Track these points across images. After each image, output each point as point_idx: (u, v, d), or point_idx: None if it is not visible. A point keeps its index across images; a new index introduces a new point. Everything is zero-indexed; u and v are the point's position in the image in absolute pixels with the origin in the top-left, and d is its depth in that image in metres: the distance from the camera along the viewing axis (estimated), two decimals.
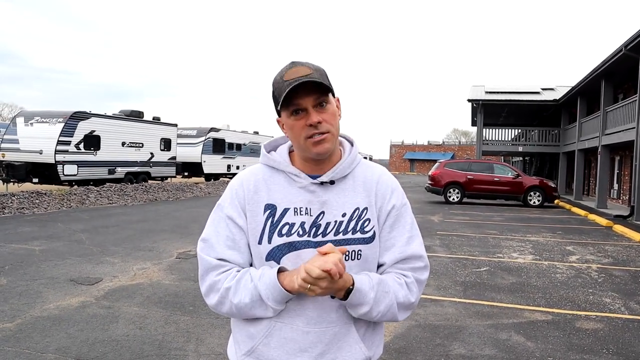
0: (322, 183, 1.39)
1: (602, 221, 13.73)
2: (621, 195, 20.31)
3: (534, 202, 18.84)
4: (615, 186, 21.19)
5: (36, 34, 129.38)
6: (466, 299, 5.70)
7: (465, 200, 19.75)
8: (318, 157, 1.37)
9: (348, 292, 1.29)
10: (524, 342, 4.35)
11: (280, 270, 1.31)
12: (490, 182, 19.16)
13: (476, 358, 3.97)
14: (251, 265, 1.41)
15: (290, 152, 1.47)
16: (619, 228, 12.37)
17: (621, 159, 20.38)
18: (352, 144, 1.50)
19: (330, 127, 1.34)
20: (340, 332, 1.36)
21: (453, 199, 19.43)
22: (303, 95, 1.30)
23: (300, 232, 1.35)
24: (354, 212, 1.40)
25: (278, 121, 1.42)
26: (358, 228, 1.39)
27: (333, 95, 1.39)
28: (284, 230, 1.36)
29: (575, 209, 17.62)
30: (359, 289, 1.30)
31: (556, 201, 19.72)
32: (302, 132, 1.33)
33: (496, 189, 19.16)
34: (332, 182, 1.40)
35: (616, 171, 21.12)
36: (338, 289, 1.27)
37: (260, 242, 1.36)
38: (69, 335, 4.19)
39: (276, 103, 1.36)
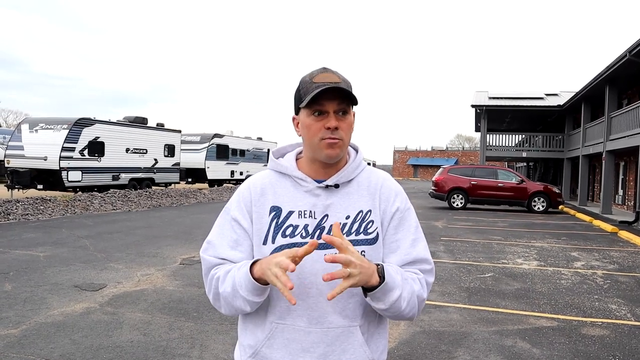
0: (327, 187, 1.43)
1: (607, 227, 13.67)
2: (626, 201, 20.23)
3: (538, 208, 18.78)
4: (620, 192, 21.12)
5: (41, 40, 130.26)
6: (471, 305, 5.68)
7: (469, 206, 19.72)
8: (327, 160, 1.41)
9: (381, 272, 1.28)
10: (530, 349, 4.32)
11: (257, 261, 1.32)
12: (494, 188, 19.12)
13: None
14: None
15: (297, 159, 1.52)
16: (624, 234, 12.31)
17: (626, 165, 20.32)
18: (356, 151, 1.55)
19: (344, 136, 1.39)
20: (343, 334, 1.37)
21: (457, 205, 19.39)
22: (329, 99, 1.36)
23: (304, 234, 1.39)
24: (358, 214, 1.43)
25: (293, 118, 1.48)
26: (361, 230, 1.42)
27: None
28: (288, 232, 1.39)
29: (579, 215, 17.55)
30: (387, 268, 1.31)
31: (560, 207, 19.66)
32: (318, 133, 1.37)
33: (500, 195, 19.11)
34: (336, 186, 1.44)
35: (621, 177, 21.05)
36: (367, 274, 1.24)
37: (264, 243, 1.40)
38: (73, 341, 4.19)
39: (298, 101, 1.41)
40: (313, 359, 1.35)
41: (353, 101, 1.39)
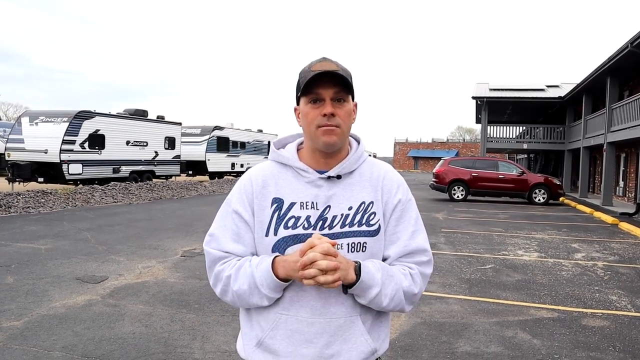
0: (329, 178, 1.43)
1: (608, 219, 13.67)
2: (627, 192, 20.22)
3: (539, 200, 18.77)
4: (621, 183, 21.10)
5: (41, 34, 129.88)
6: (472, 296, 5.69)
7: (469, 197, 19.71)
8: (325, 149, 1.41)
9: (357, 270, 1.32)
10: (530, 340, 4.34)
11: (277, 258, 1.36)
12: (495, 180, 19.10)
13: (482, 355, 3.97)
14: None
15: (299, 149, 1.52)
16: (624, 225, 12.32)
17: (627, 156, 20.29)
18: (358, 142, 1.56)
19: (342, 123, 1.39)
20: (345, 324, 1.39)
21: (457, 197, 19.38)
22: (325, 86, 1.37)
23: (306, 225, 1.39)
24: (360, 205, 1.43)
25: (295, 109, 1.48)
26: (364, 221, 1.42)
27: (353, 98, 1.46)
28: (290, 223, 1.40)
29: (580, 207, 17.55)
30: (365, 265, 1.34)
31: (561, 199, 19.65)
32: (315, 121, 1.38)
33: (501, 187, 19.10)
34: (338, 177, 1.44)
35: (622, 168, 21.02)
36: (345, 270, 1.30)
37: (267, 235, 1.40)
38: (75, 333, 4.21)
39: (298, 90, 1.42)
40: (316, 349, 1.36)
41: (348, 87, 1.38)
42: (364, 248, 1.40)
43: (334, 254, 1.26)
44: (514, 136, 29.54)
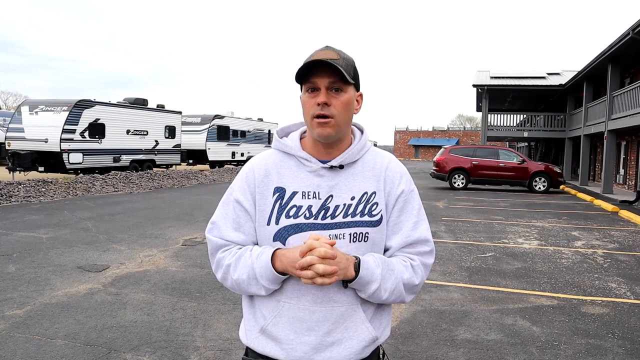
0: (331, 167, 1.43)
1: (608, 206, 13.68)
2: (627, 180, 20.22)
3: (540, 188, 18.76)
4: (621, 171, 21.09)
5: (41, 22, 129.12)
6: (472, 284, 5.71)
7: (470, 186, 19.71)
8: (319, 139, 1.41)
9: (357, 266, 1.33)
10: (530, 327, 4.36)
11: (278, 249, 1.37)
12: (496, 168, 19.08)
13: (482, 343, 3.99)
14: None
15: (302, 138, 1.51)
16: (624, 213, 12.32)
17: (627, 144, 20.25)
18: (362, 132, 1.54)
19: (336, 114, 1.37)
20: (347, 312, 1.40)
21: (458, 185, 19.38)
22: (320, 75, 1.36)
23: (307, 215, 1.39)
24: (363, 196, 1.43)
25: (300, 97, 1.47)
26: (366, 211, 1.42)
27: (357, 88, 1.45)
28: (292, 212, 1.40)
29: (580, 195, 17.55)
30: (365, 261, 1.35)
31: (562, 187, 19.64)
32: (310, 110, 1.38)
33: (501, 175, 19.08)
34: (341, 167, 1.43)
35: (622, 156, 21.00)
36: (344, 268, 1.31)
37: (268, 223, 1.41)
38: (77, 321, 4.23)
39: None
40: (318, 337, 1.38)
41: (342, 78, 1.36)
42: (366, 238, 1.40)
43: (332, 257, 1.26)
44: (515, 124, 29.44)
